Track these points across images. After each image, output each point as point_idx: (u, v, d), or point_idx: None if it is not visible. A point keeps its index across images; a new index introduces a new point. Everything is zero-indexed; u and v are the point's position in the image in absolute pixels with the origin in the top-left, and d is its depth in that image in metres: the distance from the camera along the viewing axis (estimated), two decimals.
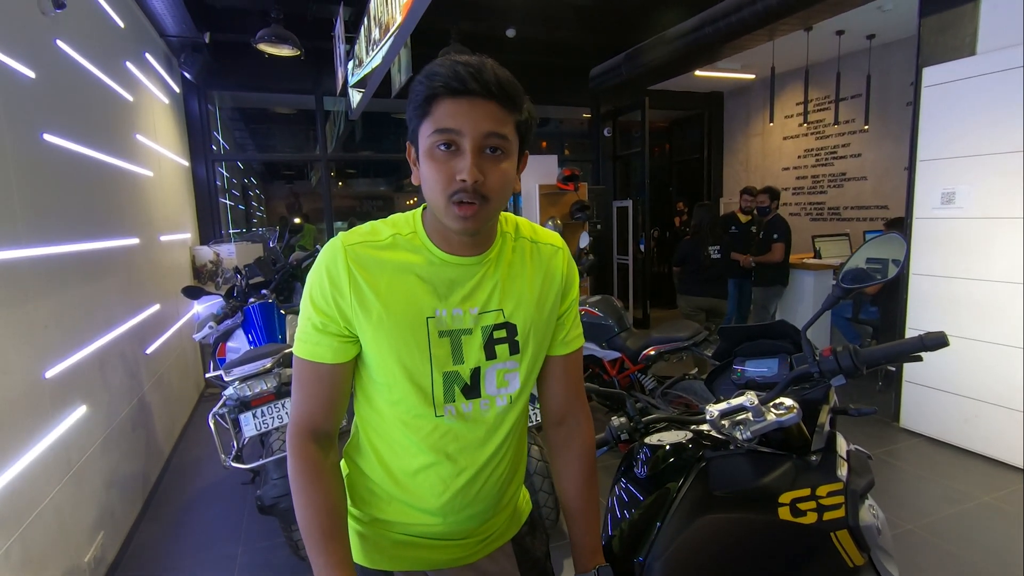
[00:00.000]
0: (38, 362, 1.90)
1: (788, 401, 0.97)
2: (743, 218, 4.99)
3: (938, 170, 3.30)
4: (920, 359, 0.97)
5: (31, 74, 2.02)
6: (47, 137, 2.13)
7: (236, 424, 2.28)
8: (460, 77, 0.74)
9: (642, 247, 6.35)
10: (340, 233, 0.87)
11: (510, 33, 5.25)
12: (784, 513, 0.88)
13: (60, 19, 2.29)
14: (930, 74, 3.30)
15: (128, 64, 3.40)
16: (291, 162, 11.02)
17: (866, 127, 5.80)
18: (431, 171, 0.78)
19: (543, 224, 5.18)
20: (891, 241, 1.05)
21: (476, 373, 0.88)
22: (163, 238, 3.87)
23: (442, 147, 0.77)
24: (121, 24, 3.29)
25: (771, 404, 0.98)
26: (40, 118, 2.10)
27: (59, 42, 2.34)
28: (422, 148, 0.79)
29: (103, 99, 2.88)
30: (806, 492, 0.90)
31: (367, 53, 3.86)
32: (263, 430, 2.26)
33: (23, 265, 1.85)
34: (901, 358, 0.97)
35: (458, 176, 0.76)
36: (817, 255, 5.14)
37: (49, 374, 1.95)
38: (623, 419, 1.15)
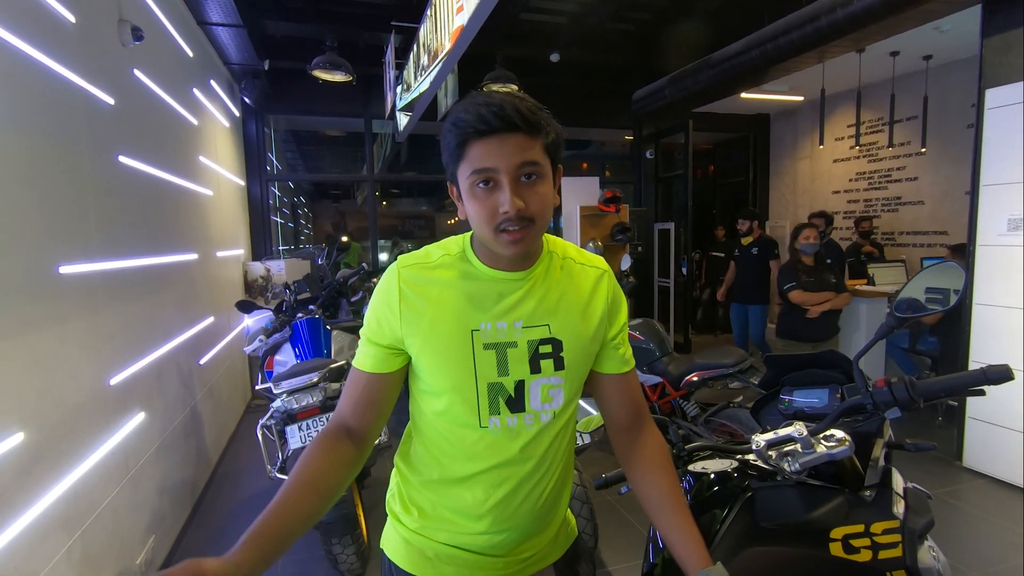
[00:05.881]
0: (104, 370, 2.02)
1: (839, 433, 0.94)
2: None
3: (1004, 195, 3.14)
4: (982, 393, 0.92)
5: (111, 101, 2.19)
6: (122, 159, 2.29)
7: (282, 436, 2.35)
8: (484, 119, 0.79)
9: (684, 270, 6.26)
10: (399, 256, 0.94)
11: (554, 58, 5.33)
12: (836, 549, 0.85)
13: (138, 50, 2.48)
14: (993, 95, 3.17)
15: (195, 91, 3.62)
16: (338, 182, 11.40)
17: (923, 150, 5.58)
18: (475, 208, 0.84)
19: (583, 246, 5.17)
20: (949, 270, 1.02)
21: (520, 386, 0.90)
22: (219, 254, 4.06)
23: (481, 185, 0.83)
24: (190, 54, 3.52)
25: (821, 436, 0.95)
26: (116, 141, 2.26)
27: (136, 71, 2.52)
28: (463, 188, 0.85)
29: (172, 123, 3.08)
30: (859, 528, 0.86)
31: (415, 78, 4.00)
32: (307, 443, 2.32)
33: (95, 278, 1.98)
34: (961, 391, 0.93)
35: (500, 209, 0.82)
36: (871, 281, 4.94)
37: (113, 381, 2.07)
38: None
